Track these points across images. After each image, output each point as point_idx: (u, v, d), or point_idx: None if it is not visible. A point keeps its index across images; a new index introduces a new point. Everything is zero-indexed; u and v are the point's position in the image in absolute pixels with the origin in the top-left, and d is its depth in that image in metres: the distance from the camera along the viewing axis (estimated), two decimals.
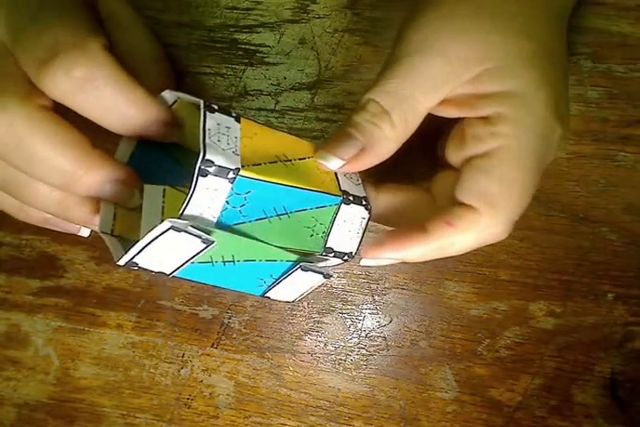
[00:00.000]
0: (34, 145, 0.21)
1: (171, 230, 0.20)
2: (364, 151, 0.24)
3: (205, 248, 0.22)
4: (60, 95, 0.20)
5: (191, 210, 0.20)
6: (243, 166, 0.21)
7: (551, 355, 0.32)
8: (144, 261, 0.21)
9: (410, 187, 0.27)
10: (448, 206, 0.24)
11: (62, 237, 0.34)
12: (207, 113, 0.22)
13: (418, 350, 0.32)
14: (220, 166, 0.20)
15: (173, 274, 0.23)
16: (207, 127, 0.21)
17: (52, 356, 0.34)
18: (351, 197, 0.25)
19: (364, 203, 0.25)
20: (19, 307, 0.35)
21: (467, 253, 0.32)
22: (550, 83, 0.23)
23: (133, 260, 0.21)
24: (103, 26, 0.26)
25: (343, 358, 0.33)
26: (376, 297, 0.33)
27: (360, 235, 0.26)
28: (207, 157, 0.20)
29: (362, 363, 0.33)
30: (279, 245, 0.23)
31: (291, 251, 0.24)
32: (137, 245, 0.20)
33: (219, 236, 0.22)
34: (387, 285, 0.33)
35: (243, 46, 0.32)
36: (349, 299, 0.33)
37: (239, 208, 0.22)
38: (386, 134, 0.23)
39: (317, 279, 0.26)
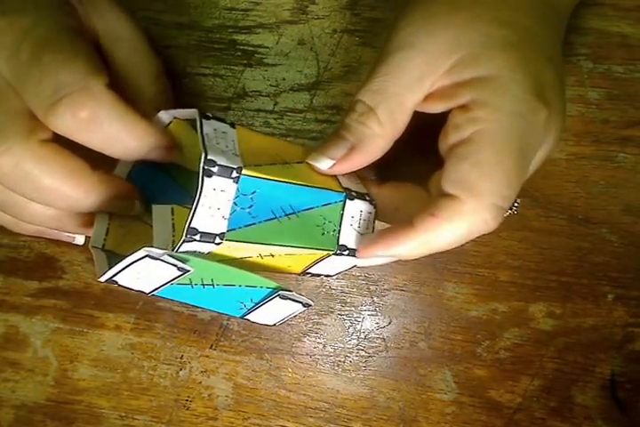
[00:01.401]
0: (40, 179, 0.22)
1: (147, 258, 0.21)
2: (354, 150, 0.24)
3: (181, 275, 0.22)
4: (66, 133, 0.22)
5: (201, 213, 0.21)
6: (245, 166, 0.21)
7: (551, 356, 0.32)
8: (123, 280, 0.22)
9: (410, 185, 0.27)
10: (435, 199, 0.24)
11: None
12: (203, 120, 0.22)
13: (417, 352, 0.32)
14: (222, 166, 0.21)
15: (152, 293, 0.23)
16: (205, 132, 0.22)
17: (51, 357, 0.34)
18: (354, 193, 0.25)
19: (367, 198, 0.25)
20: (17, 308, 0.34)
21: (466, 255, 0.32)
22: (528, 65, 0.23)
23: (113, 278, 0.22)
24: (100, 44, 0.26)
25: (342, 359, 0.33)
26: (375, 298, 0.33)
27: (371, 231, 0.26)
28: (209, 156, 0.20)
29: (361, 364, 0.33)
30: (294, 244, 0.24)
31: (304, 248, 0.24)
32: (116, 266, 0.21)
33: (197, 263, 0.22)
34: (386, 286, 0.32)
35: (241, 47, 0.32)
36: (348, 300, 0.33)
37: (248, 209, 0.22)
38: (374, 132, 0.24)
39: (296, 307, 0.26)
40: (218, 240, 0.21)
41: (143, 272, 0.22)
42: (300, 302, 0.25)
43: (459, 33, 0.23)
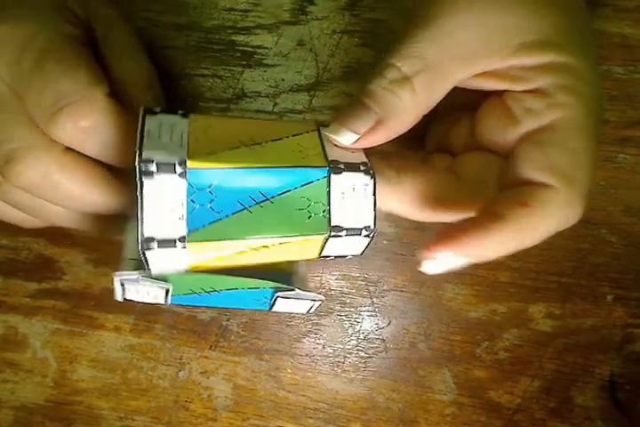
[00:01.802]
0: (69, 187, 0.23)
1: (127, 283, 0.20)
2: (381, 123, 0.21)
3: (167, 292, 0.21)
4: (68, 142, 0.22)
5: (151, 218, 0.19)
6: (190, 158, 0.19)
7: (550, 357, 0.32)
8: (134, 297, 0.21)
9: (428, 168, 0.24)
10: (513, 187, 0.21)
11: (59, 239, 0.34)
12: (146, 116, 0.21)
13: (417, 353, 0.32)
14: (162, 163, 0.19)
15: (169, 303, 0.22)
16: (146, 129, 0.20)
17: (50, 358, 0.34)
18: (342, 166, 0.22)
19: (362, 168, 0.22)
20: (16, 309, 0.34)
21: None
22: (590, 51, 0.22)
23: (125, 297, 0.21)
24: (99, 49, 0.26)
25: (342, 360, 0.33)
26: (375, 299, 0.33)
27: (371, 205, 0.22)
28: (145, 155, 0.19)
29: (360, 365, 0.33)
30: (276, 234, 0.21)
31: (291, 236, 0.21)
32: (116, 289, 0.21)
33: (178, 278, 0.21)
34: (385, 287, 0.32)
35: (241, 48, 0.32)
36: (348, 301, 0.33)
37: (209, 205, 0.20)
38: (405, 104, 0.21)
39: (305, 304, 0.24)
40: (180, 244, 0.20)
41: (140, 291, 0.21)
42: (308, 299, 0.23)
43: (529, 15, 0.21)
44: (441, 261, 0.20)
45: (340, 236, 0.22)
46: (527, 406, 0.32)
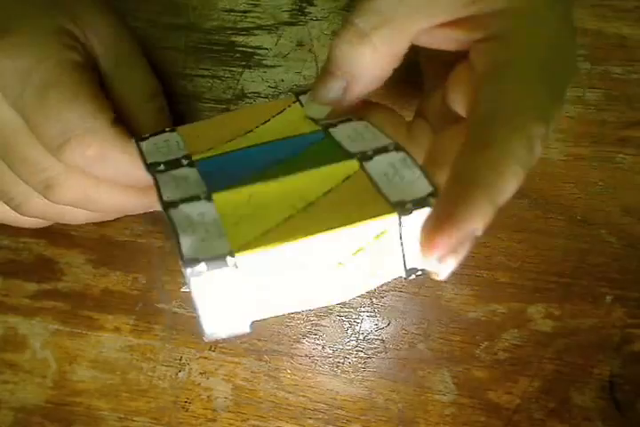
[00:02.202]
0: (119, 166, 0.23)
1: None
2: (349, 88, 0.21)
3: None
4: (78, 168, 0.23)
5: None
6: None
7: (550, 357, 0.32)
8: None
9: (411, 143, 0.23)
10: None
11: (60, 240, 0.34)
12: (140, 143, 0.22)
13: (416, 353, 0.32)
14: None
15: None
16: (145, 151, 0.21)
17: (50, 359, 0.34)
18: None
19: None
20: (16, 310, 0.34)
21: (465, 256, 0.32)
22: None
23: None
24: (99, 65, 0.26)
25: (341, 360, 0.33)
26: (374, 300, 0.33)
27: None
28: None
29: (360, 366, 0.33)
30: (307, 169, 0.19)
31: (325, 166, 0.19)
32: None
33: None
34: (384, 287, 0.32)
35: (240, 49, 0.32)
36: (347, 302, 0.33)
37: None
38: (367, 61, 0.21)
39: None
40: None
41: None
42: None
43: None
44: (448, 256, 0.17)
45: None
46: (526, 407, 0.32)
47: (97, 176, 0.23)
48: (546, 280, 0.32)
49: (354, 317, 0.33)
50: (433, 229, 0.16)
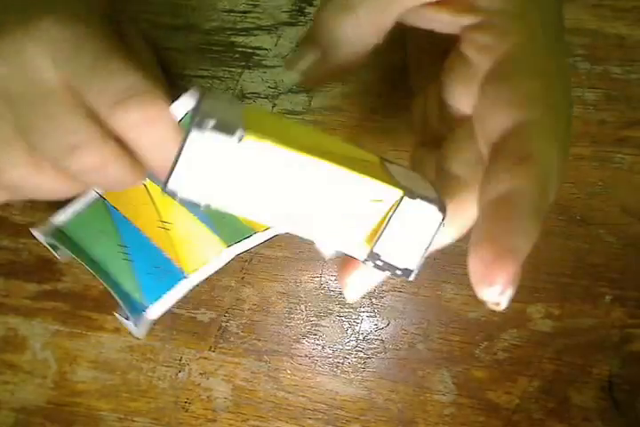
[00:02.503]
0: (117, 173, 0.23)
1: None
2: (325, 59, 0.21)
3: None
4: (127, 128, 0.22)
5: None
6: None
7: (549, 357, 0.32)
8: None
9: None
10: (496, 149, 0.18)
11: None
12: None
13: (415, 353, 0.32)
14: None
15: None
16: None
17: (50, 359, 0.34)
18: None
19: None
20: (16, 311, 0.34)
21: (464, 256, 0.32)
22: None
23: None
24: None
25: (341, 360, 0.33)
26: (373, 300, 0.33)
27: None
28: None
29: (359, 366, 0.33)
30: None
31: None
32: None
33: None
34: (384, 287, 0.32)
35: (240, 49, 0.32)
36: (347, 302, 0.33)
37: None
38: (348, 35, 0.20)
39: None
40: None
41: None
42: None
43: None
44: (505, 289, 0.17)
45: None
46: (526, 407, 0.32)
47: (138, 140, 0.22)
48: (545, 280, 0.32)
49: (353, 317, 0.33)
50: (492, 264, 0.16)
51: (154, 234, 0.31)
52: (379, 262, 0.19)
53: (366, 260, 0.19)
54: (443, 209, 0.18)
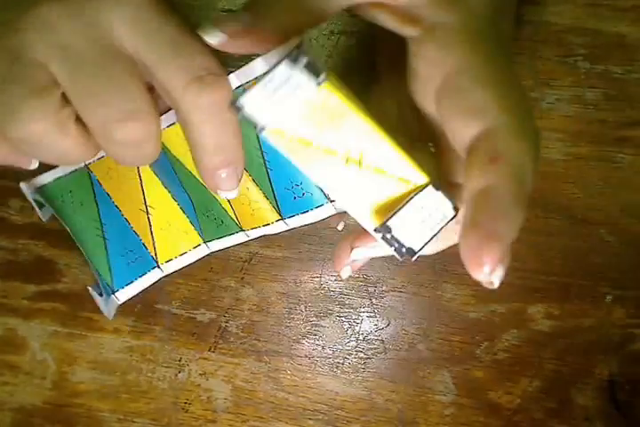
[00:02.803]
0: (149, 147, 0.23)
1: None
2: (252, 26, 0.21)
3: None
4: (194, 106, 0.22)
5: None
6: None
7: (550, 357, 0.32)
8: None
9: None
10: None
11: (58, 241, 0.34)
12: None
13: (416, 353, 0.32)
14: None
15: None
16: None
17: (49, 360, 0.34)
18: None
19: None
20: (15, 311, 0.34)
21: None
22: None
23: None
24: None
25: (341, 361, 0.33)
26: (374, 300, 0.33)
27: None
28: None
29: (359, 366, 0.33)
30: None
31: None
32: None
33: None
34: (384, 288, 0.32)
35: None
36: (347, 302, 0.33)
37: None
38: (282, 6, 0.21)
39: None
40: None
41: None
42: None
43: None
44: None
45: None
46: (526, 407, 0.32)
47: (201, 123, 0.22)
48: (545, 280, 0.32)
49: (353, 317, 0.33)
50: (479, 247, 0.18)
51: (133, 218, 0.30)
52: (388, 235, 0.20)
53: (377, 230, 0.20)
54: (456, 209, 0.20)
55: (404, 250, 0.20)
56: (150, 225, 0.30)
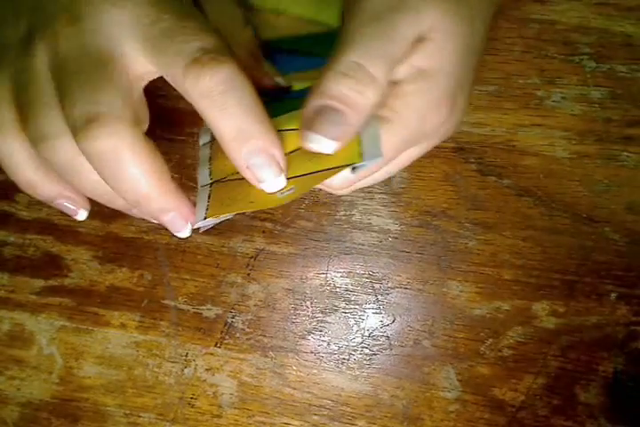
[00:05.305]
0: (128, 169, 0.21)
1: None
2: (353, 127, 0.21)
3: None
4: (198, 92, 0.21)
5: None
6: None
7: (554, 355, 0.32)
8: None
9: None
10: None
11: (66, 236, 0.34)
12: None
13: (421, 350, 0.32)
14: None
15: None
16: None
17: (56, 355, 0.34)
18: None
19: None
20: (22, 306, 0.35)
21: (470, 253, 0.32)
22: (462, 70, 0.24)
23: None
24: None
25: (346, 357, 0.33)
26: (379, 297, 0.33)
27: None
28: None
29: (365, 362, 0.33)
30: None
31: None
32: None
33: None
34: (390, 284, 0.33)
35: None
36: (352, 298, 0.33)
37: None
38: (371, 103, 0.21)
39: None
40: None
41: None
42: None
43: (446, 10, 0.22)
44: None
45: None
46: (531, 404, 0.32)
47: (207, 106, 0.21)
48: (550, 278, 0.32)
49: (359, 313, 0.33)
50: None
51: None
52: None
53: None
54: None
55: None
56: None
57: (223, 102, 0.21)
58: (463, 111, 0.25)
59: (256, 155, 0.21)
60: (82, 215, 0.27)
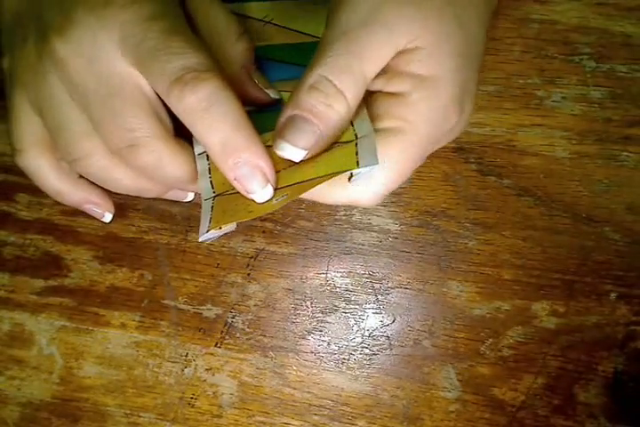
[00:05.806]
0: (172, 170, 0.25)
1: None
2: (322, 137, 0.22)
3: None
4: (182, 110, 0.22)
5: None
6: None
7: (554, 354, 0.32)
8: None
9: None
10: None
11: (66, 236, 0.34)
12: None
13: (421, 350, 0.32)
14: None
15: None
16: None
17: (56, 355, 0.34)
18: None
19: None
20: (22, 306, 0.35)
21: (470, 253, 0.32)
22: (465, 74, 0.24)
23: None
24: (185, 8, 0.27)
25: (346, 357, 0.33)
26: (379, 297, 0.33)
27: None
28: None
29: (365, 362, 0.33)
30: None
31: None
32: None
33: None
34: (390, 284, 0.33)
35: None
36: (353, 298, 0.33)
37: None
38: (342, 117, 0.22)
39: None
40: None
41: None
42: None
43: (427, 22, 0.22)
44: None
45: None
46: (531, 404, 0.32)
47: (191, 123, 0.22)
48: (550, 277, 0.32)
49: (359, 313, 0.33)
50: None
51: None
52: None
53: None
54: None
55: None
56: None
57: (207, 118, 0.22)
58: (470, 114, 0.25)
59: (241, 166, 0.23)
60: (107, 217, 0.31)
